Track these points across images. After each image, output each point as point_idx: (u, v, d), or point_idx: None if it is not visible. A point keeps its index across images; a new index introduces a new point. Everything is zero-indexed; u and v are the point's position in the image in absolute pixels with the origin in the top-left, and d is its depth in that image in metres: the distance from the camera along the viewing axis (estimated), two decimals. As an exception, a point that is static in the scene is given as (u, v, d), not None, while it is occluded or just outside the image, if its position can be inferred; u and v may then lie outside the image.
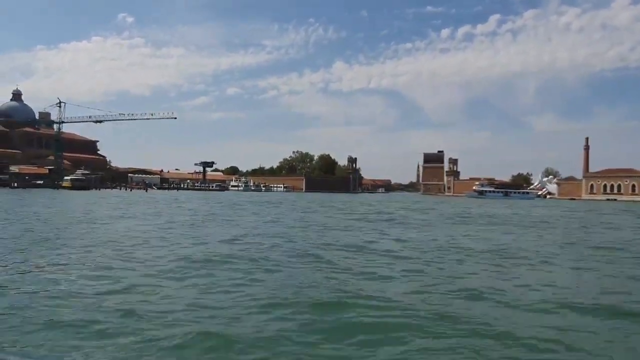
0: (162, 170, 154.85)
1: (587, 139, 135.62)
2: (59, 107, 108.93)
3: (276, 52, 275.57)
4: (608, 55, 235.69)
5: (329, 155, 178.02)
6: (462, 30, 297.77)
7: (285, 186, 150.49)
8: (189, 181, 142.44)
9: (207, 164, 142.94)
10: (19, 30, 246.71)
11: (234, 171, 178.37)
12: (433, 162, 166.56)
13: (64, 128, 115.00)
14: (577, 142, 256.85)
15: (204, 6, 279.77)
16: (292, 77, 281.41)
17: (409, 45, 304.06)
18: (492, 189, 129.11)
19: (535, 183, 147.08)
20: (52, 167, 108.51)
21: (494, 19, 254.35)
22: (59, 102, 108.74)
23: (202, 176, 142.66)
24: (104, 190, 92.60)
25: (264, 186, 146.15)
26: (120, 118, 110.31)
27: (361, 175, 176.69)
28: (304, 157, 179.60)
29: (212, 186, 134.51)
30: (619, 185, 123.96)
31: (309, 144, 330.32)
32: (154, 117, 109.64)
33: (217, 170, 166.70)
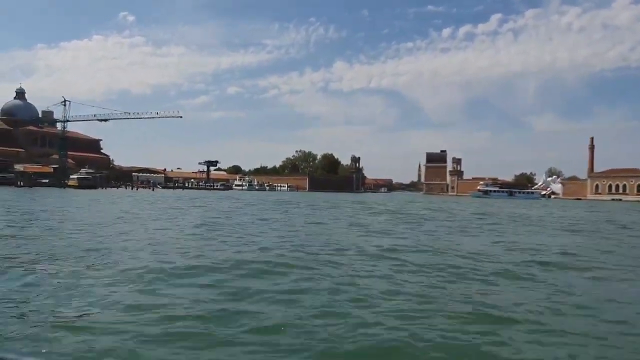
0: (165, 170, 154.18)
1: (592, 139, 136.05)
2: (64, 105, 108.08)
3: (277, 52, 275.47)
4: (609, 55, 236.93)
5: (332, 154, 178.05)
6: (463, 30, 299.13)
7: (289, 185, 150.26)
8: (192, 180, 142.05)
9: (211, 163, 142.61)
10: (19, 29, 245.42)
11: (236, 170, 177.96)
12: (436, 161, 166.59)
13: (67, 127, 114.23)
14: (577, 142, 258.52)
15: (205, 5, 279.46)
16: (292, 76, 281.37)
17: (409, 45, 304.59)
18: (496, 188, 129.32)
19: (539, 183, 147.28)
20: (57, 166, 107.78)
21: (495, 18, 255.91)
22: (64, 101, 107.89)
23: (206, 175, 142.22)
24: (110, 190, 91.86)
25: (267, 185, 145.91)
26: (126, 117, 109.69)
27: (364, 174, 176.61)
28: (306, 157, 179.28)
29: (217, 185, 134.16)
30: (625, 186, 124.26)
31: (309, 143, 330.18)
32: (159, 115, 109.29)
33: (220, 170, 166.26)
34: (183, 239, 15.01)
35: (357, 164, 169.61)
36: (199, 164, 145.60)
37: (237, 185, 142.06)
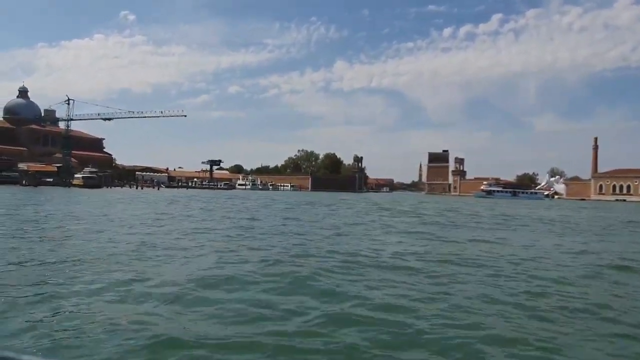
0: (168, 169, 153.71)
1: (595, 139, 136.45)
2: (67, 104, 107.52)
3: (277, 51, 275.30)
4: (609, 55, 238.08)
5: (335, 154, 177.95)
6: (464, 30, 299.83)
7: (292, 185, 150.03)
8: (196, 179, 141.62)
9: (214, 163, 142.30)
10: (20, 28, 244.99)
11: (238, 170, 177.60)
12: (438, 161, 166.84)
13: (70, 125, 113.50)
14: (577, 142, 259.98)
15: (205, 5, 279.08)
16: (293, 76, 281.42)
17: (410, 45, 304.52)
18: (500, 189, 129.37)
19: (543, 183, 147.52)
20: (60, 165, 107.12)
21: (496, 18, 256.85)
22: (67, 100, 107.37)
23: (209, 174, 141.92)
24: (115, 189, 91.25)
25: (271, 185, 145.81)
26: (130, 115, 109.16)
27: (366, 174, 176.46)
28: (309, 156, 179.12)
29: (220, 185, 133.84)
30: (629, 186, 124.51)
31: (309, 143, 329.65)
32: (163, 114, 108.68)
33: (221, 169, 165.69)
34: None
35: (359, 164, 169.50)
36: (202, 163, 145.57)
37: (240, 185, 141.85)
